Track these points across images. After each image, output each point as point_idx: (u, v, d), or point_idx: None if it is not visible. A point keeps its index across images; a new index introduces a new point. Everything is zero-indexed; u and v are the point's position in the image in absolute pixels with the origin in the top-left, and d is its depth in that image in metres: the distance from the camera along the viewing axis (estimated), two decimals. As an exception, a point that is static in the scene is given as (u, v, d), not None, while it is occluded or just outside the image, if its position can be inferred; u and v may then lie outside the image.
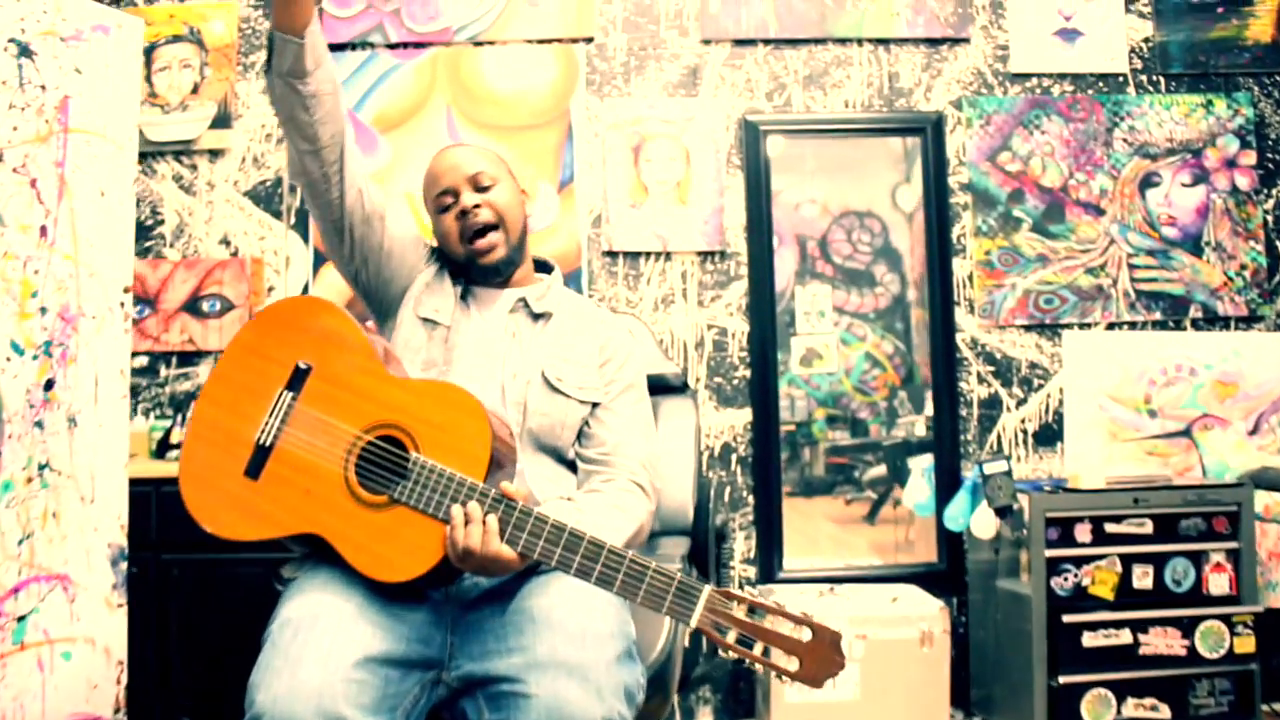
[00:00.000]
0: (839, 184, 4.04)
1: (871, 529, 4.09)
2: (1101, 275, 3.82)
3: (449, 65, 3.81)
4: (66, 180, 2.18)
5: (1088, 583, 3.17)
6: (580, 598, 1.75)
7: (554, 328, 2.16)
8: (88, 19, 2.25)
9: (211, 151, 3.82)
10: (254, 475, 1.81)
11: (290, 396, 1.85)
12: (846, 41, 3.88)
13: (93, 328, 2.23)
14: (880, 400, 4.09)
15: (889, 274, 4.05)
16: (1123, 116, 3.85)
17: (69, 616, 2.14)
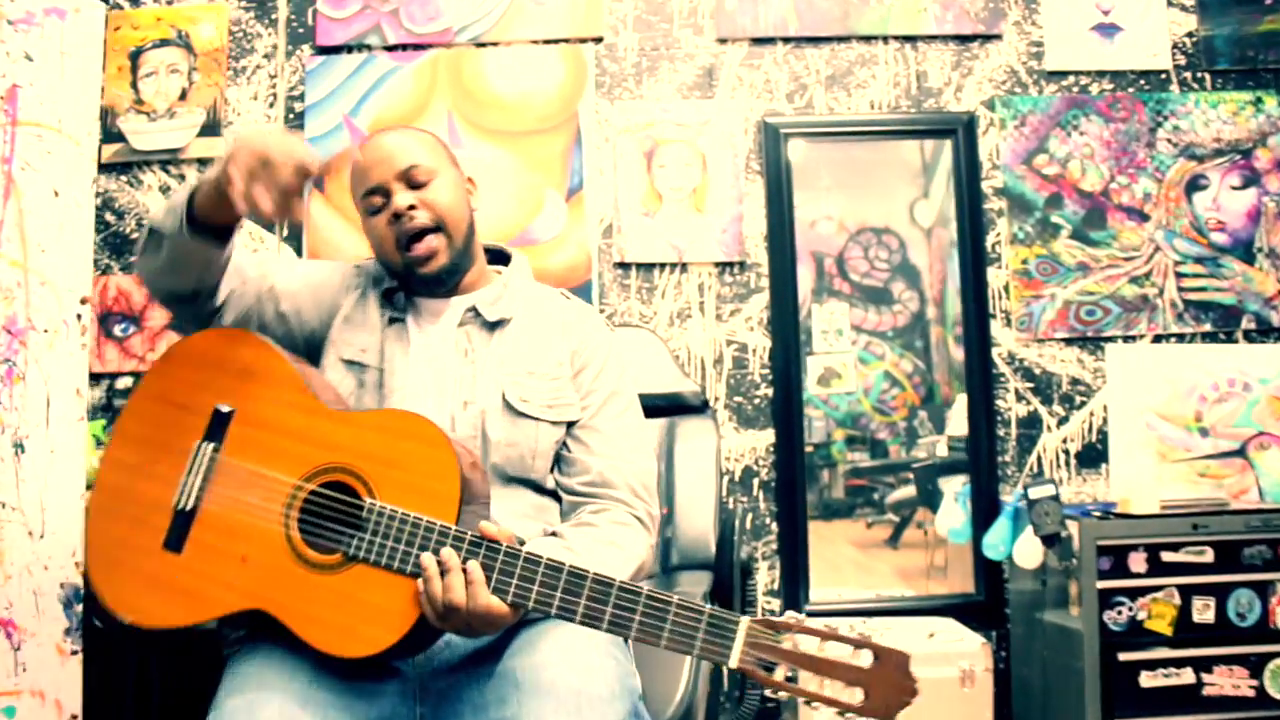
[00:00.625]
0: (855, 200, 3.87)
1: (895, 553, 3.89)
2: (1147, 284, 3.57)
3: (450, 68, 3.59)
4: (14, 178, 1.94)
5: (1143, 616, 2.90)
6: (574, 654, 1.47)
7: (513, 335, 1.87)
8: (40, 0, 2.02)
9: (200, 160, 3.59)
10: (175, 547, 1.54)
11: (211, 448, 1.59)
12: (871, 39, 3.65)
13: (44, 342, 1.99)
14: (900, 420, 3.90)
15: (907, 291, 3.87)
16: (1166, 116, 3.61)
17: (13, 666, 1.89)
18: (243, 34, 3.64)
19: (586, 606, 1.42)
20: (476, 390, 1.78)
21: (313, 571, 1.48)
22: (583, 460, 1.82)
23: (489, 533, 1.45)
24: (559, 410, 1.83)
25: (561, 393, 1.84)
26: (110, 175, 3.52)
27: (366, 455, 1.54)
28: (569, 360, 1.87)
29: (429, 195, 1.81)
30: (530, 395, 1.80)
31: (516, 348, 1.85)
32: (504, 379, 1.79)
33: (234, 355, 1.67)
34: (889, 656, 1.32)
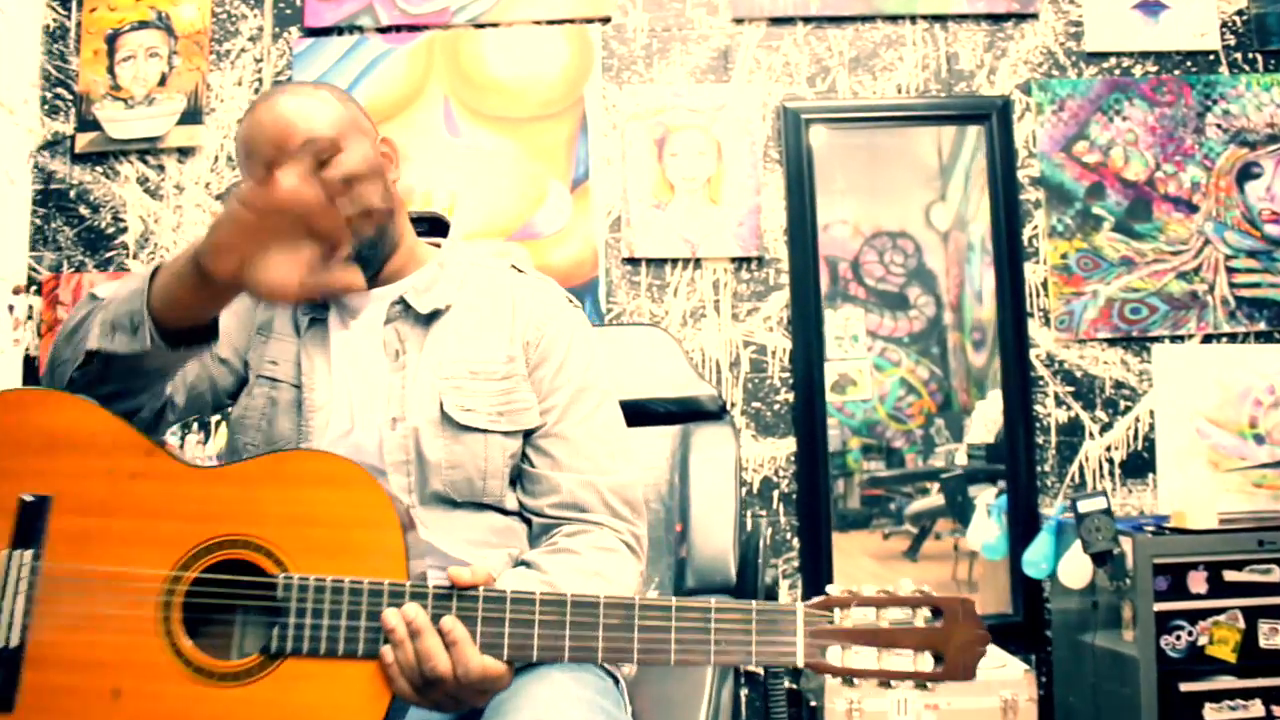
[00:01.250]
0: (870, 204, 3.75)
1: (914, 566, 3.73)
2: (1196, 280, 3.37)
3: (447, 50, 3.38)
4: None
5: (1204, 641, 2.65)
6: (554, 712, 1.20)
7: (451, 327, 1.56)
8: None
9: (181, 150, 3.37)
10: (4, 705, 1.16)
11: (27, 557, 1.21)
12: (898, 19, 3.45)
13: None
14: (916, 429, 3.77)
15: (923, 296, 3.75)
16: (1215, 99, 3.41)
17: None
18: (226, 15, 3.44)
19: (606, 639, 1.15)
20: (408, 402, 1.49)
21: (221, 685, 1.16)
22: (549, 477, 1.52)
23: (460, 579, 1.16)
24: (512, 417, 1.53)
25: (514, 395, 1.54)
26: (85, 166, 3.29)
27: (263, 518, 1.21)
28: (522, 353, 1.56)
29: (335, 172, 1.46)
30: (474, 403, 1.50)
31: (456, 344, 1.55)
32: (441, 384, 1.50)
33: (31, 424, 1.27)
34: (952, 606, 1.16)
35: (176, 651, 1.16)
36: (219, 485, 1.22)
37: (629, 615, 1.15)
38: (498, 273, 1.66)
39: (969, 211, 3.48)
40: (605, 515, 1.49)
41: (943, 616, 1.16)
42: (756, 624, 1.14)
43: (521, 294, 1.62)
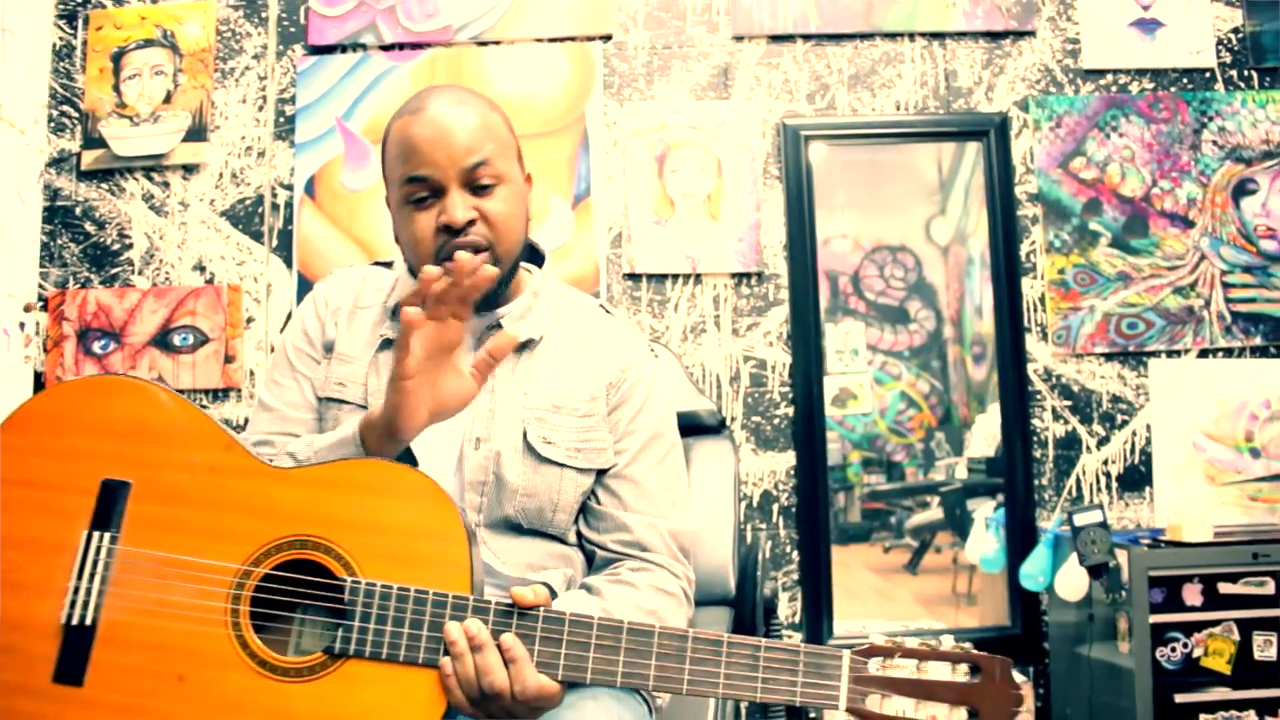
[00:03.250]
0: (870, 218, 3.92)
1: (914, 579, 3.88)
2: (1192, 295, 3.43)
3: (450, 67, 3.45)
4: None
5: (1199, 653, 2.71)
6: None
7: (541, 359, 1.61)
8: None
9: (185, 167, 3.44)
10: (73, 679, 1.21)
11: (106, 539, 1.26)
12: (897, 36, 3.52)
13: (-15, 356, 1.79)
14: (917, 442, 3.96)
15: (923, 310, 3.93)
16: (1211, 116, 3.48)
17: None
18: (231, 33, 3.51)
19: (659, 669, 1.20)
20: (493, 426, 1.53)
21: (284, 680, 1.21)
22: (616, 515, 1.58)
23: (522, 599, 1.22)
24: (589, 455, 1.58)
25: (593, 433, 1.59)
26: (91, 183, 3.35)
27: (334, 521, 1.26)
28: (604, 394, 1.61)
29: (491, 207, 1.52)
30: (556, 436, 1.55)
31: (544, 375, 1.59)
32: (526, 414, 1.55)
33: (117, 411, 1.32)
34: (990, 665, 1.21)
35: (242, 644, 1.21)
36: (293, 486, 1.28)
37: (681, 648, 1.21)
38: (587, 309, 1.71)
39: (969, 226, 3.55)
40: (665, 558, 1.55)
41: (981, 674, 1.20)
42: (804, 666, 1.20)
43: (609, 335, 1.67)
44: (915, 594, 3.81)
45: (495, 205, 1.52)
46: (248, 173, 3.44)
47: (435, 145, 1.50)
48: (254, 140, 3.45)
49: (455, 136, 1.51)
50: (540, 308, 1.64)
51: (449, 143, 1.50)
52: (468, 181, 1.51)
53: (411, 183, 1.51)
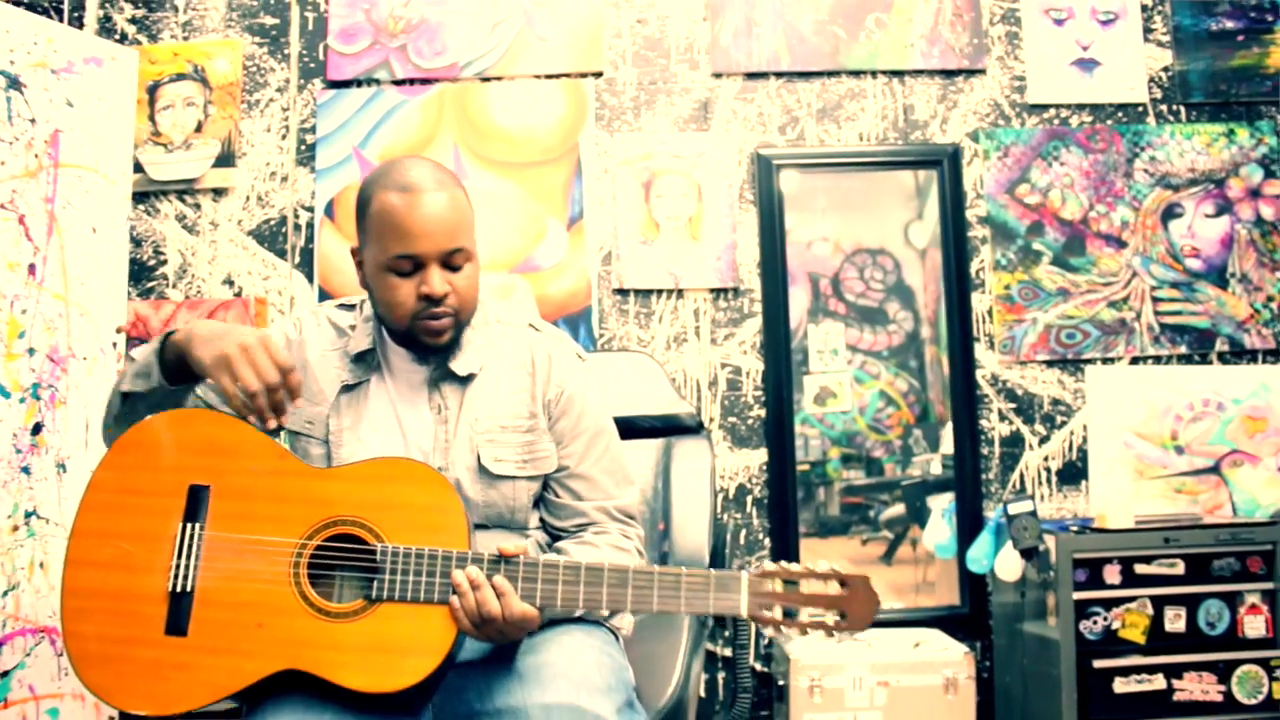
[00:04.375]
0: (851, 221, 3.99)
1: (889, 570, 3.98)
2: (1124, 309, 3.74)
3: (456, 101, 3.76)
4: (56, 217, 2.11)
5: (1118, 626, 3.06)
6: (572, 652, 1.66)
7: (484, 387, 1.88)
8: (80, 51, 2.19)
9: (215, 190, 3.76)
10: (180, 631, 1.57)
11: (196, 528, 1.62)
12: (860, 74, 3.82)
13: (83, 369, 2.15)
14: (895, 439, 4.01)
15: (902, 311, 3.99)
16: (1143, 147, 3.79)
17: (56, 671, 2.04)
18: (256, 68, 3.82)
19: (610, 593, 1.60)
20: (450, 454, 1.81)
21: (336, 621, 1.57)
22: (572, 505, 1.91)
23: (506, 550, 1.60)
24: (536, 464, 1.87)
25: (536, 446, 1.87)
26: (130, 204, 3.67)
27: (364, 504, 1.63)
28: (543, 411, 1.89)
29: (460, 281, 1.78)
30: (504, 454, 1.84)
31: (487, 400, 1.86)
32: (477, 438, 1.83)
33: (195, 433, 1.67)
34: (854, 580, 1.61)
35: (303, 598, 1.59)
36: (333, 481, 1.67)
37: (624, 578, 1.60)
38: (518, 332, 1.97)
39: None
40: (620, 524, 1.93)
41: (847, 586, 1.60)
42: (714, 586, 1.60)
43: (540, 354, 1.93)
44: (889, 583, 3.91)
45: (462, 280, 1.79)
46: (272, 196, 3.76)
47: (425, 234, 1.74)
48: (278, 166, 3.77)
49: (442, 226, 1.75)
50: (478, 341, 1.90)
51: (437, 233, 1.74)
52: (445, 261, 1.77)
53: (400, 259, 1.74)
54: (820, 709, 3.08)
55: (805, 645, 3.19)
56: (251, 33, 3.82)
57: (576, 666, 1.63)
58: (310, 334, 1.94)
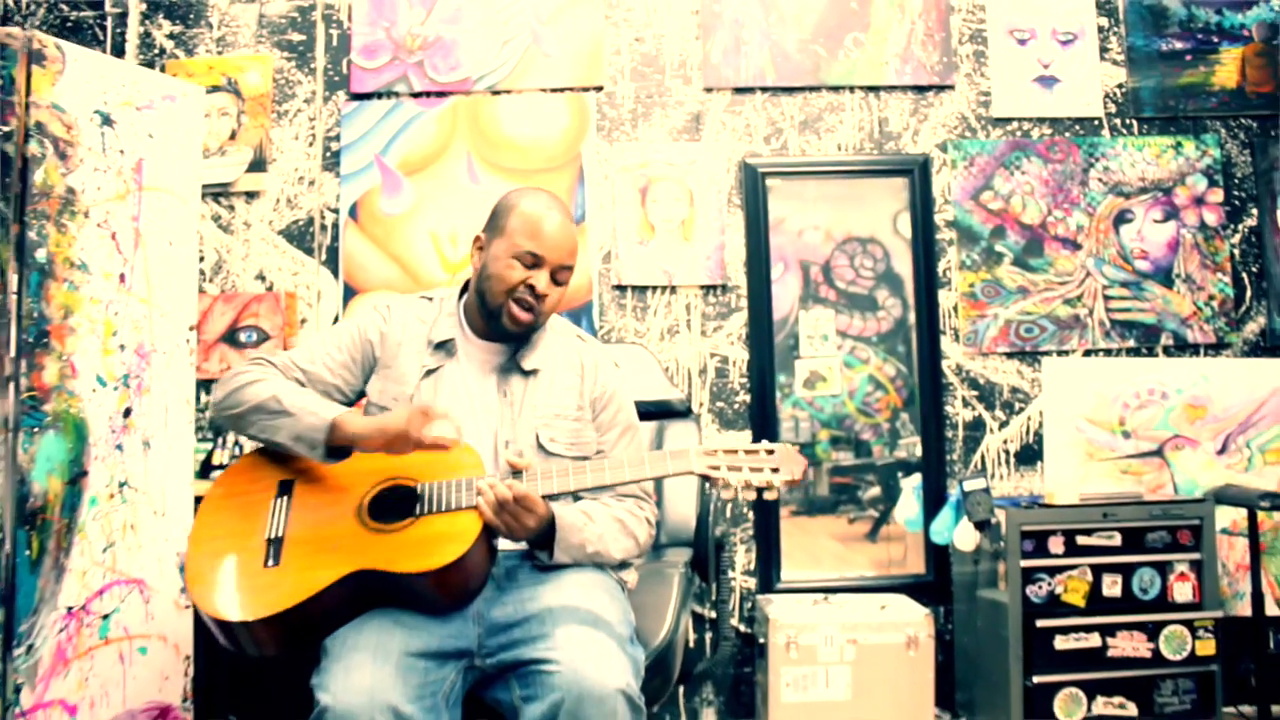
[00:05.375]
0: (841, 211, 4.26)
1: (873, 546, 4.28)
2: (1078, 306, 4.14)
3: (469, 113, 4.15)
4: (141, 232, 2.51)
5: (1060, 591, 3.47)
6: (588, 596, 2.09)
7: (544, 383, 2.33)
8: (158, 90, 2.59)
9: (248, 193, 4.16)
10: (275, 562, 2.02)
11: (284, 500, 2.10)
12: (839, 89, 4.21)
13: (163, 362, 2.56)
14: (883, 422, 4.26)
15: (891, 298, 4.25)
16: (1098, 157, 4.18)
17: (144, 616, 2.46)
18: (285, 81, 4.21)
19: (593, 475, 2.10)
20: (516, 430, 2.26)
21: (391, 532, 2.02)
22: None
23: (515, 463, 2.08)
24: (579, 448, 2.30)
25: (582, 433, 2.33)
26: (169, 206, 4.07)
27: (408, 467, 2.09)
28: (589, 406, 2.37)
29: (553, 293, 2.28)
30: (557, 436, 2.29)
31: (546, 394, 2.32)
32: (536, 421, 2.28)
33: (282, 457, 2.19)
34: (781, 447, 2.06)
35: (365, 524, 2.05)
36: (385, 458, 2.11)
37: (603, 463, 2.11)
38: (570, 341, 2.45)
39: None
40: (632, 499, 2.34)
41: (776, 454, 2.05)
42: (670, 458, 2.07)
43: (588, 360, 2.41)
44: (871, 559, 4.23)
45: (555, 293, 2.29)
46: (300, 199, 4.16)
47: (554, 245, 2.26)
48: (305, 171, 4.17)
49: (566, 245, 2.29)
50: (540, 345, 2.38)
51: (560, 247, 2.27)
52: (554, 272, 2.27)
53: (528, 253, 2.24)
54: (796, 663, 3.51)
55: (783, 607, 3.63)
56: (280, 48, 4.21)
57: (589, 605, 2.06)
58: (397, 318, 2.38)
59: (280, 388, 2.17)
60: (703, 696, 3.96)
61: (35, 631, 2.20)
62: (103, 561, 2.36)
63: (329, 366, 2.31)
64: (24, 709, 2.16)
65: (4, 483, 2.18)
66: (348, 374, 2.33)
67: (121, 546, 2.41)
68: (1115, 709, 3.42)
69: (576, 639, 1.95)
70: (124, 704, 2.39)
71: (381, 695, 1.83)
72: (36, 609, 2.21)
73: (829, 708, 3.51)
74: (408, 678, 1.89)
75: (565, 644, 1.94)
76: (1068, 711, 3.40)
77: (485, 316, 2.31)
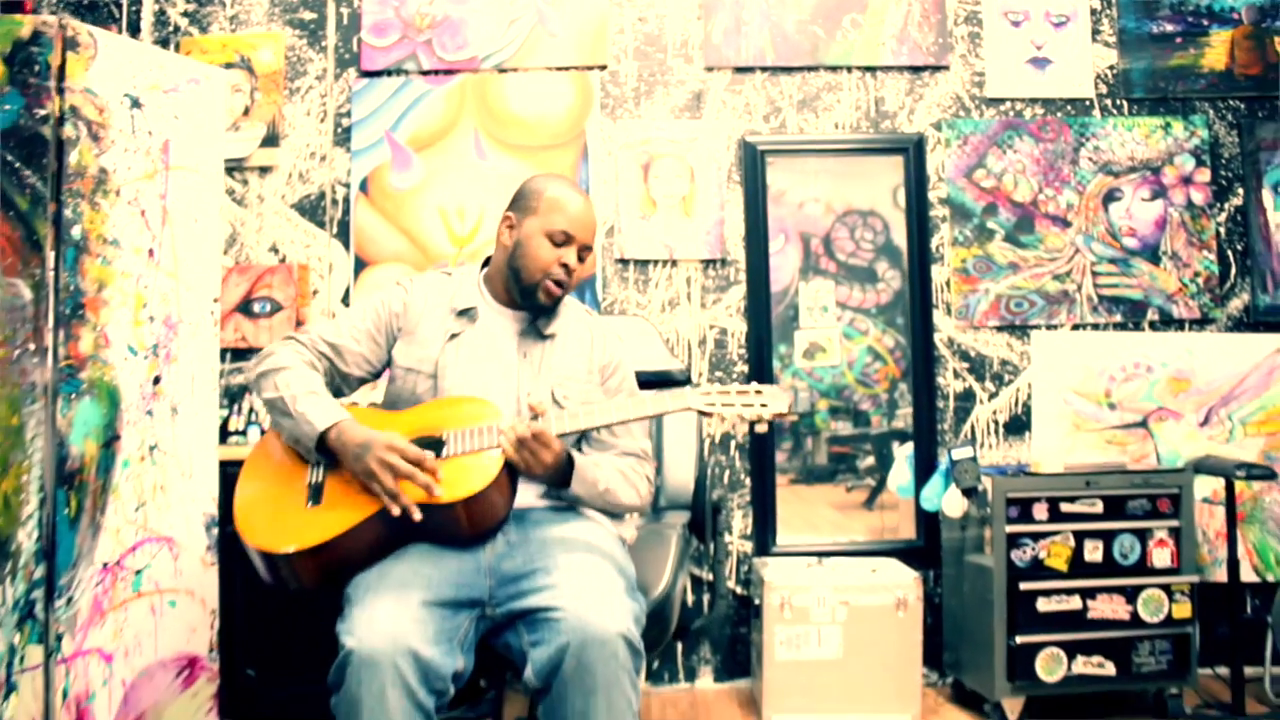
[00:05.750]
0: (842, 184, 4.37)
1: (869, 514, 4.41)
2: (1067, 281, 4.29)
3: (476, 90, 4.29)
4: (168, 210, 2.67)
5: (1044, 556, 3.63)
6: (591, 550, 2.27)
7: (559, 347, 2.56)
8: (183, 73, 2.74)
9: (261, 168, 4.31)
10: (317, 502, 2.26)
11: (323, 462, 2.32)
12: (837, 69, 4.35)
13: (189, 332, 2.72)
14: (881, 392, 4.36)
15: (890, 270, 4.36)
16: (1088, 137, 4.33)
17: (174, 572, 2.63)
18: (297, 59, 4.35)
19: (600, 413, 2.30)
20: (535, 386, 2.48)
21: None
22: (611, 440, 2.55)
23: (534, 407, 2.28)
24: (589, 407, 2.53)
25: (591, 395, 2.54)
26: (185, 180, 4.22)
27: (435, 422, 2.32)
28: (598, 371, 2.60)
29: (582, 270, 2.55)
30: (571, 394, 2.50)
31: (563, 357, 2.56)
32: (553, 381, 2.50)
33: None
34: (769, 388, 2.26)
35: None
36: (413, 415, 2.37)
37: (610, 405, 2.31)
38: (581, 314, 2.69)
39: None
40: (632, 459, 2.55)
41: (764, 393, 2.25)
42: (670, 398, 2.26)
43: (597, 332, 2.66)
44: (867, 526, 4.37)
45: (584, 269, 2.57)
46: (312, 173, 4.32)
47: (583, 226, 2.52)
48: (317, 147, 4.32)
49: (592, 226, 2.55)
50: (559, 316, 2.62)
51: (588, 228, 2.53)
52: (581, 250, 2.52)
53: (560, 232, 2.49)
54: (790, 623, 3.68)
55: (777, 570, 3.80)
56: (292, 26, 4.36)
57: (593, 558, 2.25)
58: (419, 290, 2.60)
59: (295, 387, 2.37)
60: (700, 655, 4.14)
61: (74, 585, 2.37)
62: (135, 520, 2.53)
63: (354, 338, 2.52)
64: (65, 656, 2.33)
65: (44, 446, 2.34)
66: (372, 344, 2.54)
67: (152, 506, 2.58)
68: (1094, 668, 3.59)
69: (581, 588, 2.13)
70: (155, 654, 2.56)
71: (402, 639, 2.00)
72: (75, 564, 2.38)
73: (821, 666, 3.68)
74: (426, 624, 2.06)
75: (570, 593, 2.11)
76: (1049, 670, 3.57)
77: (517, 290, 2.53)
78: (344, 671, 2.00)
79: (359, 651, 1.99)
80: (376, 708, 1.97)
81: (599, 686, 2.02)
